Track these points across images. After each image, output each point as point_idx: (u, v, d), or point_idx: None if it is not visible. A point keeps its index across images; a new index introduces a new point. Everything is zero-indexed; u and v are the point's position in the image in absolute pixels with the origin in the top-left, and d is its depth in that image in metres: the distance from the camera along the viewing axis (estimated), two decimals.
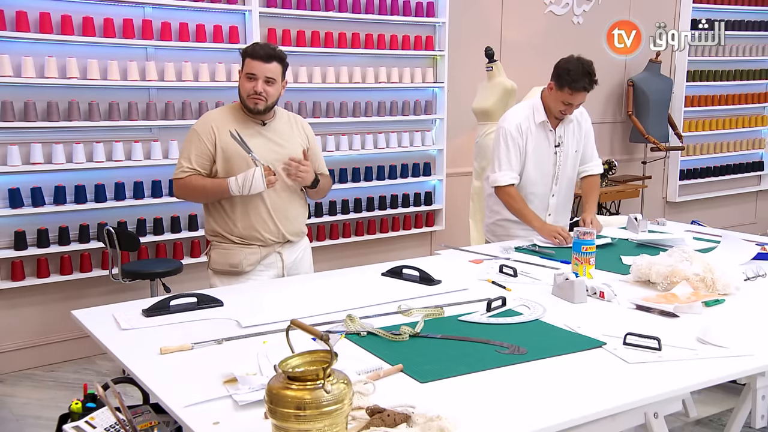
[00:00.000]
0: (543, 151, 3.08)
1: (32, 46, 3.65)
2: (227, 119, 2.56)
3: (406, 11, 4.80)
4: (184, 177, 2.54)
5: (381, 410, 1.35)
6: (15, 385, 3.67)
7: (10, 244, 3.72)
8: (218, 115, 2.60)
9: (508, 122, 3.08)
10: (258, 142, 2.55)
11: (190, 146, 2.55)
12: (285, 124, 2.67)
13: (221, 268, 2.61)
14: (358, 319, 1.96)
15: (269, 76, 2.50)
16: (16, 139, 3.66)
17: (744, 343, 1.82)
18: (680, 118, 6.30)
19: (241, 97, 2.56)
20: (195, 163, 2.53)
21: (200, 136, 2.54)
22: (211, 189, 2.52)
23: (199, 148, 2.53)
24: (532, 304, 2.15)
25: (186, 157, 2.54)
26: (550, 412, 1.46)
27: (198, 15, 4.10)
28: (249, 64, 2.51)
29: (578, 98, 2.94)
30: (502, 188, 3.06)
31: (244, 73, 2.52)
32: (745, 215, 7.09)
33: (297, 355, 1.29)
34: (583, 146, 3.19)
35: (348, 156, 4.72)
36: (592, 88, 2.92)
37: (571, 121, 3.11)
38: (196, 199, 2.68)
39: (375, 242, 4.99)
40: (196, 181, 2.53)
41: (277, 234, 2.63)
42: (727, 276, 2.27)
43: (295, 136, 2.67)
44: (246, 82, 2.51)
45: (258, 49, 2.51)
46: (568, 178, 3.18)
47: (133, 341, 1.88)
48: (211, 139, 2.53)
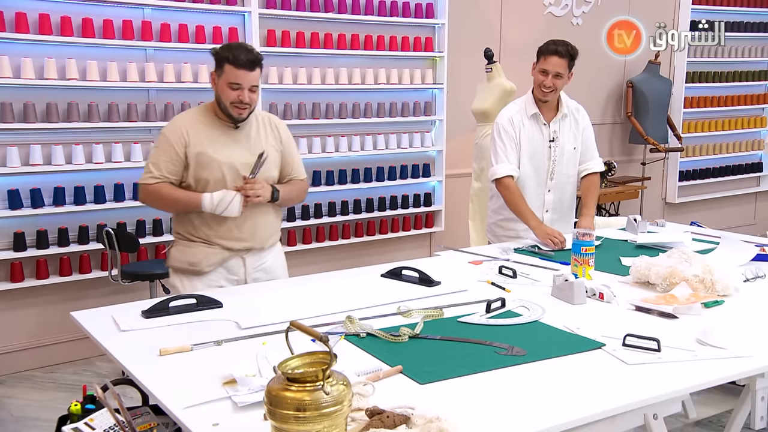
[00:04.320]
0: (537, 145, 3.09)
1: (32, 48, 3.65)
2: (199, 123, 2.45)
3: (406, 12, 4.80)
4: (153, 184, 2.41)
5: (380, 411, 1.35)
6: (14, 386, 3.67)
7: (9, 246, 3.72)
8: (189, 118, 2.47)
9: (501, 116, 3.14)
10: (231, 149, 2.45)
11: (159, 152, 2.42)
12: (258, 125, 2.55)
13: (180, 266, 2.50)
14: (357, 320, 1.96)
15: (254, 84, 2.40)
16: (15, 140, 3.66)
17: (743, 345, 1.82)
18: (679, 120, 6.31)
19: (221, 104, 2.42)
20: (165, 170, 2.41)
21: (171, 141, 2.41)
22: (183, 202, 2.42)
23: (170, 155, 2.41)
24: (532, 305, 2.15)
25: (155, 163, 2.41)
26: (549, 413, 1.46)
27: (197, 16, 4.10)
28: (232, 72, 2.36)
29: (551, 63, 2.97)
30: (500, 181, 3.07)
31: (227, 82, 2.37)
32: (744, 216, 7.09)
33: (296, 356, 1.29)
34: (583, 144, 3.19)
35: (347, 157, 4.72)
36: (567, 56, 2.96)
37: (566, 116, 3.12)
38: (162, 208, 2.55)
39: (374, 243, 4.99)
40: (165, 190, 2.41)
41: (243, 241, 2.51)
42: (727, 277, 2.27)
43: (269, 139, 2.55)
44: (230, 91, 2.38)
45: (241, 56, 2.36)
46: (566, 176, 3.17)
47: (132, 342, 1.88)
48: (182, 144, 2.41)
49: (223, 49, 2.41)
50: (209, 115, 2.48)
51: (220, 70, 2.40)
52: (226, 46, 2.43)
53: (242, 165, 2.45)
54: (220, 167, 2.42)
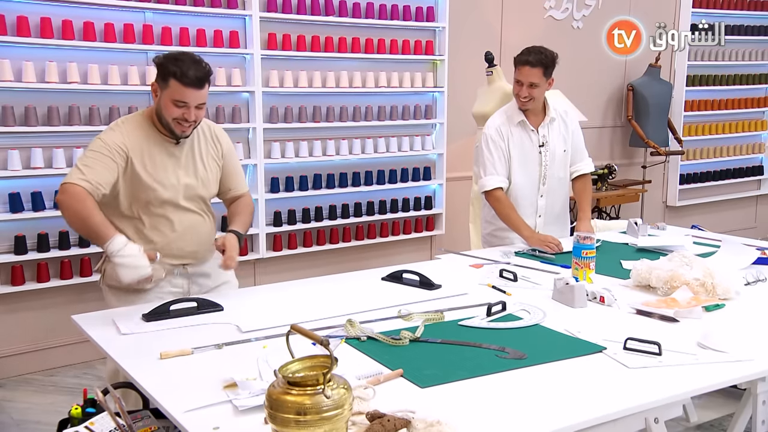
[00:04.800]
0: (527, 152, 3.09)
1: (33, 51, 3.65)
2: (140, 136, 2.26)
3: (406, 16, 4.80)
4: (81, 186, 2.12)
5: (381, 415, 1.35)
6: (15, 389, 3.67)
7: (10, 249, 3.72)
8: (130, 130, 2.26)
9: (488, 126, 3.13)
10: (167, 167, 2.28)
11: (95, 157, 2.17)
12: (199, 139, 2.38)
13: (118, 285, 2.26)
14: (358, 323, 1.95)
15: (201, 102, 2.22)
16: (16, 143, 3.66)
17: (744, 348, 1.82)
18: (680, 123, 6.31)
19: (161, 119, 2.24)
20: (98, 178, 2.15)
21: (111, 152, 2.19)
22: (93, 228, 2.10)
23: (107, 164, 2.18)
24: (532, 308, 2.15)
25: (88, 166, 2.15)
26: (550, 417, 1.46)
27: (198, 20, 4.10)
28: (178, 90, 2.16)
29: (523, 73, 2.96)
30: (490, 193, 3.07)
31: (172, 99, 2.18)
32: (745, 220, 7.09)
33: (297, 360, 1.29)
34: (573, 146, 3.19)
35: (348, 160, 4.72)
36: (537, 64, 2.94)
37: (554, 120, 3.11)
38: (70, 220, 2.16)
39: (375, 247, 4.99)
40: (84, 203, 2.11)
41: (184, 258, 2.39)
42: (728, 280, 2.27)
43: (210, 153, 2.40)
44: (174, 108, 2.19)
45: (189, 73, 2.15)
46: (557, 179, 3.17)
47: (133, 346, 1.88)
48: (122, 158, 2.21)
49: (168, 60, 2.19)
50: (150, 128, 2.28)
51: (163, 83, 2.19)
52: (173, 57, 2.20)
53: (183, 186, 2.31)
54: (157, 189, 2.26)
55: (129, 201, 2.28)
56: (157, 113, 2.26)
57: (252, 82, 4.23)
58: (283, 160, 4.41)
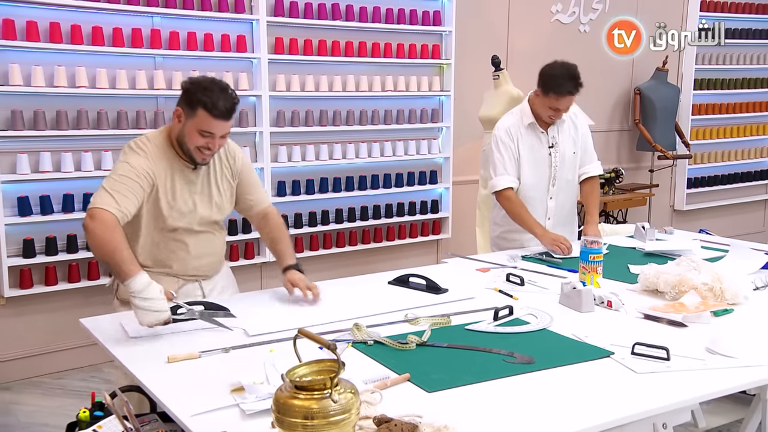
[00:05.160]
0: (537, 153, 3.09)
1: (42, 56, 3.68)
2: (163, 163, 2.21)
3: (413, 20, 4.81)
4: (109, 212, 2.03)
5: (388, 420, 1.35)
6: (22, 392, 3.68)
7: (18, 252, 3.73)
8: (155, 155, 2.20)
9: (498, 128, 3.13)
10: (185, 195, 2.26)
11: (123, 185, 2.09)
12: (215, 162, 2.34)
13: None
14: (365, 327, 1.95)
15: (226, 132, 2.19)
16: (25, 147, 3.68)
17: (754, 354, 1.81)
18: (687, 126, 6.29)
19: (182, 145, 2.19)
20: (125, 207, 2.07)
21: (140, 178, 2.13)
22: (118, 261, 1.97)
23: (135, 192, 2.11)
24: (540, 313, 2.14)
25: (118, 192, 2.07)
26: (557, 422, 1.45)
27: (206, 24, 4.12)
28: (206, 120, 2.11)
29: (564, 103, 2.94)
30: (501, 193, 3.07)
31: (198, 129, 2.13)
32: (753, 224, 7.05)
33: (304, 364, 1.29)
34: (582, 148, 3.18)
35: (354, 164, 4.72)
36: (578, 91, 2.91)
37: (564, 122, 3.11)
38: (95, 246, 2.03)
39: (381, 250, 4.99)
40: (113, 233, 2.00)
41: (199, 272, 2.39)
42: (736, 285, 2.26)
43: (225, 174, 2.36)
44: (198, 137, 2.14)
45: (219, 104, 2.10)
46: (566, 181, 3.17)
47: (140, 349, 1.88)
48: (149, 185, 2.17)
49: (198, 89, 2.12)
50: (170, 153, 2.23)
51: (190, 111, 2.13)
52: (202, 86, 2.13)
53: (199, 216, 2.30)
54: (174, 218, 2.25)
55: (145, 223, 2.25)
56: (179, 139, 2.20)
57: (259, 86, 4.24)
58: (290, 163, 4.42)
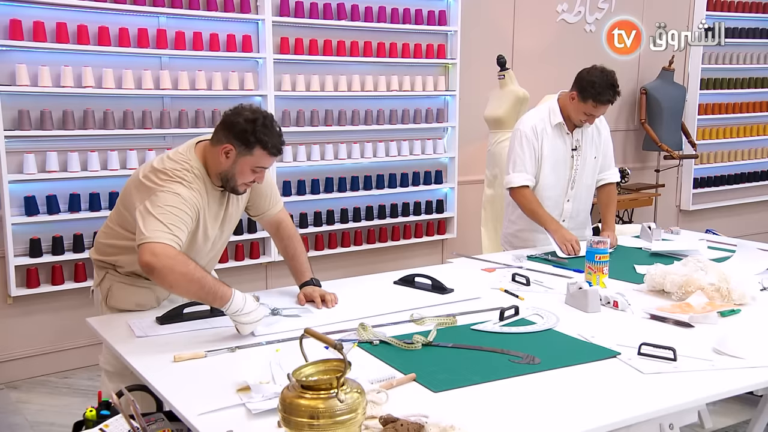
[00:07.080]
0: (560, 154, 3.07)
1: (49, 56, 3.69)
2: (204, 196, 2.16)
3: (418, 20, 4.81)
4: (172, 246, 1.94)
5: (394, 419, 1.35)
6: (29, 391, 3.70)
7: (25, 252, 3.75)
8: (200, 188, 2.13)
9: (524, 124, 3.09)
10: (214, 223, 2.24)
11: (177, 216, 2.01)
12: None
13: (126, 307, 2.24)
14: (370, 327, 1.96)
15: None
16: (32, 147, 3.70)
17: (761, 354, 1.80)
18: (694, 126, 6.26)
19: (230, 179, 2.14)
20: (183, 239, 2.02)
21: (191, 209, 2.07)
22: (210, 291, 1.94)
23: (187, 224, 2.04)
24: (545, 313, 2.14)
25: (174, 224, 1.99)
26: (563, 422, 1.45)
27: (212, 24, 4.13)
28: (263, 159, 2.11)
29: (601, 110, 2.94)
30: (515, 189, 3.05)
31: (252, 166, 2.11)
32: (760, 224, 7.01)
33: (310, 363, 1.30)
34: (603, 154, 3.17)
35: (359, 164, 4.72)
36: (616, 99, 2.92)
37: (588, 126, 3.09)
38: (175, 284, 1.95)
39: (386, 250, 4.99)
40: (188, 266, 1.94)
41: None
42: (743, 285, 2.25)
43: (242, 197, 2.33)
44: (249, 173, 2.13)
45: (277, 144, 2.11)
46: (585, 186, 3.16)
47: (147, 349, 1.89)
48: (196, 218, 2.12)
49: (258, 128, 2.07)
50: (206, 178, 2.17)
51: (245, 149, 2.08)
52: (262, 125, 2.08)
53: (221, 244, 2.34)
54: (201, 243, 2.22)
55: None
56: (225, 174, 2.14)
57: (264, 86, 4.25)
58: (295, 163, 4.43)
